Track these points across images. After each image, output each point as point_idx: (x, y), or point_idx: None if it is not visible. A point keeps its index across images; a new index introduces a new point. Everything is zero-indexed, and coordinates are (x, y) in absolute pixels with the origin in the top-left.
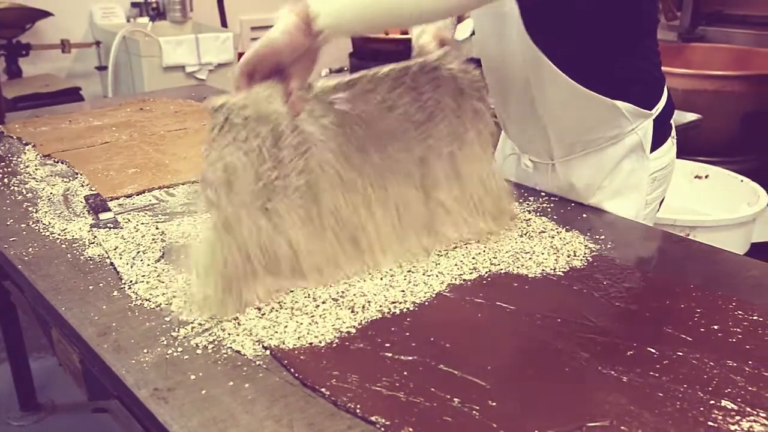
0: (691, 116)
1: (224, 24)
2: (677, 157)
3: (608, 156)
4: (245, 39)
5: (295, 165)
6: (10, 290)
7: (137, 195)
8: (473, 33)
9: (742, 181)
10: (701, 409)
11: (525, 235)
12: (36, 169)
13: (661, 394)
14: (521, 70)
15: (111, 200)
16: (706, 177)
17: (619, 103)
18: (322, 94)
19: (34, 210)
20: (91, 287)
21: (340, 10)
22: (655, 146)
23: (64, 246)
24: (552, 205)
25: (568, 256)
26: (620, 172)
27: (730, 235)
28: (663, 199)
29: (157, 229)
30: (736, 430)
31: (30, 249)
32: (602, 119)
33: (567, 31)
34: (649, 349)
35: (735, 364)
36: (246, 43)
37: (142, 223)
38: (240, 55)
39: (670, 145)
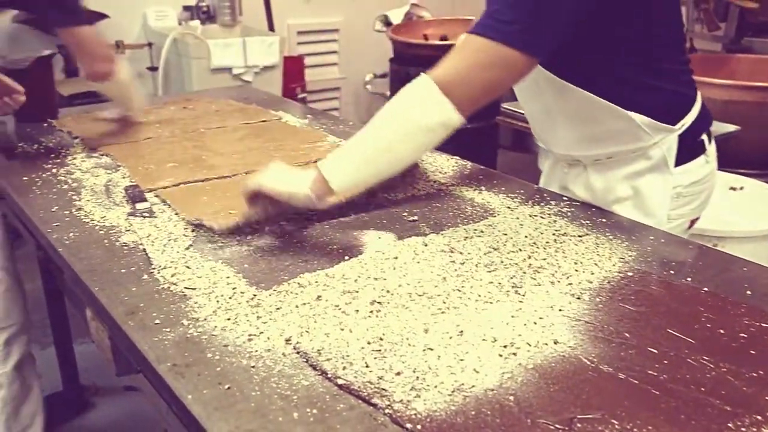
0: (730, 127)
1: (271, 28)
2: None
3: (633, 166)
4: (292, 43)
5: None
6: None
7: (173, 187)
8: None
9: None
10: (694, 408)
11: (544, 238)
12: (82, 161)
13: (656, 392)
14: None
15: (148, 191)
16: (741, 189)
17: (634, 115)
18: None
19: (78, 198)
20: (123, 270)
21: (352, 175)
22: (682, 161)
23: (102, 232)
24: (573, 210)
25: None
26: (642, 184)
27: (760, 246)
28: (697, 218)
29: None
30: (725, 430)
31: (71, 234)
32: (617, 130)
33: (578, 51)
34: (649, 349)
35: (734, 368)
36: (292, 47)
37: (176, 213)
38: (286, 59)
39: (703, 162)
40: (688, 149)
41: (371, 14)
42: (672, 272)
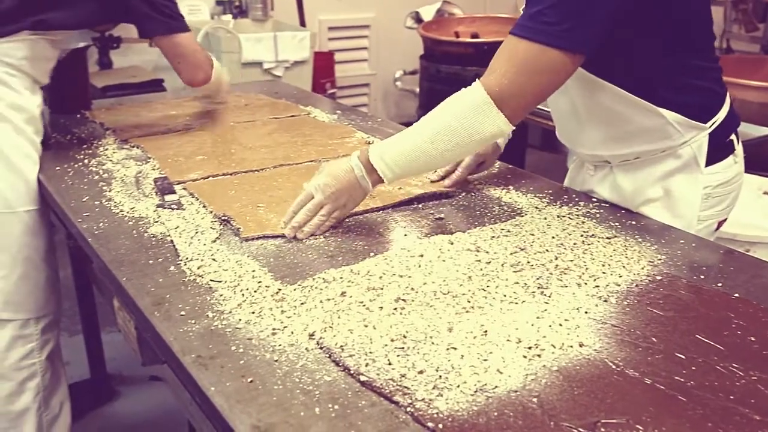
0: (765, 130)
1: (303, 23)
2: (745, 172)
3: (662, 166)
4: (322, 38)
5: None
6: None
7: (201, 180)
8: None
9: None
10: (722, 416)
11: (575, 241)
12: (113, 152)
13: (683, 399)
14: None
15: (177, 184)
16: None
17: (665, 112)
18: None
19: (108, 189)
20: (150, 261)
21: (402, 168)
22: (711, 161)
23: (131, 223)
24: (601, 211)
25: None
26: (673, 184)
27: None
28: (724, 220)
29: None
30: None
31: (101, 224)
32: (646, 128)
33: (610, 47)
34: (678, 354)
35: (764, 376)
36: (323, 43)
37: (203, 206)
38: (317, 54)
39: (731, 162)
40: (718, 149)
41: (402, 10)
42: (702, 277)
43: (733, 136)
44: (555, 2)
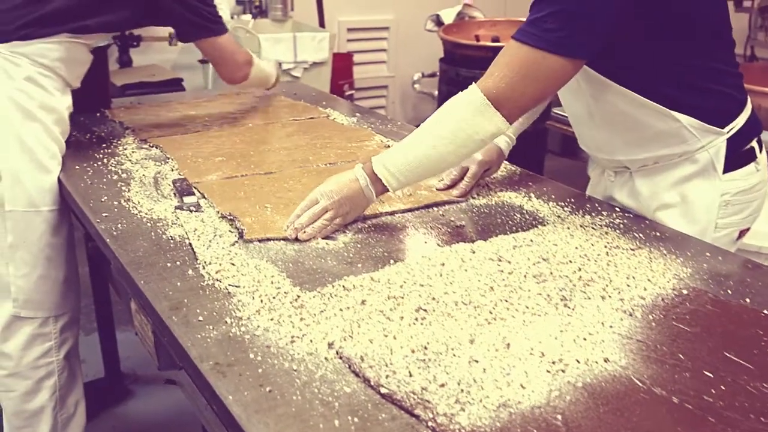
0: None
1: (322, 24)
2: None
3: (679, 171)
4: (342, 39)
5: None
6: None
7: (218, 180)
8: None
9: None
10: None
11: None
12: (132, 152)
13: (712, 420)
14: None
15: (196, 185)
16: None
17: (681, 116)
18: None
19: (127, 189)
20: (169, 264)
21: (406, 175)
22: (731, 168)
23: (149, 224)
24: (625, 221)
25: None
26: (689, 189)
27: None
28: (747, 229)
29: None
30: None
31: (119, 225)
32: (662, 132)
33: (622, 51)
34: (706, 373)
35: None
36: (342, 44)
37: (210, 206)
38: (336, 55)
39: (753, 170)
40: (738, 156)
41: (422, 13)
42: (729, 292)
43: (754, 143)
44: (556, 9)
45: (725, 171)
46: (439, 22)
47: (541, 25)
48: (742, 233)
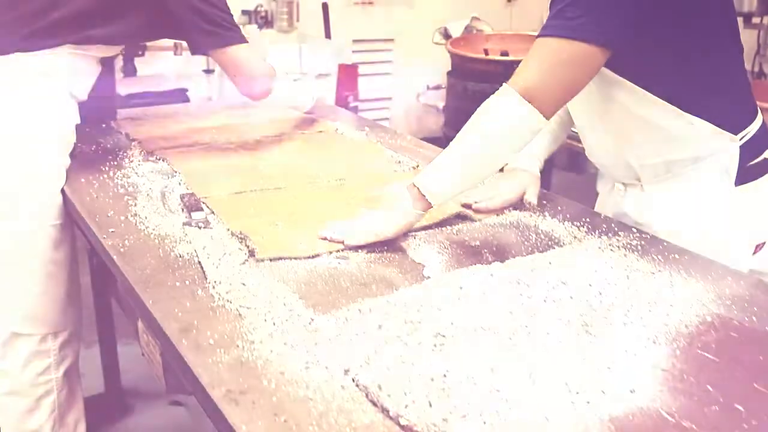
0: None
1: (328, 35)
2: None
3: (692, 182)
4: (347, 51)
5: None
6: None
7: (227, 196)
8: None
9: None
10: None
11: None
12: (139, 165)
13: None
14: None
15: (204, 200)
16: None
17: (693, 118)
18: None
19: (134, 204)
20: (177, 283)
21: (447, 188)
22: (744, 179)
23: (156, 241)
24: (643, 243)
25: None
26: (703, 201)
27: None
28: (763, 244)
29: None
30: None
31: (126, 241)
32: (674, 134)
33: (635, 50)
34: (737, 406)
35: None
36: (347, 55)
37: (220, 223)
38: (341, 67)
39: (767, 182)
40: (751, 167)
41: (428, 26)
42: (754, 318)
43: (767, 155)
44: None
45: (738, 183)
46: (447, 34)
47: (562, 16)
48: (759, 247)
